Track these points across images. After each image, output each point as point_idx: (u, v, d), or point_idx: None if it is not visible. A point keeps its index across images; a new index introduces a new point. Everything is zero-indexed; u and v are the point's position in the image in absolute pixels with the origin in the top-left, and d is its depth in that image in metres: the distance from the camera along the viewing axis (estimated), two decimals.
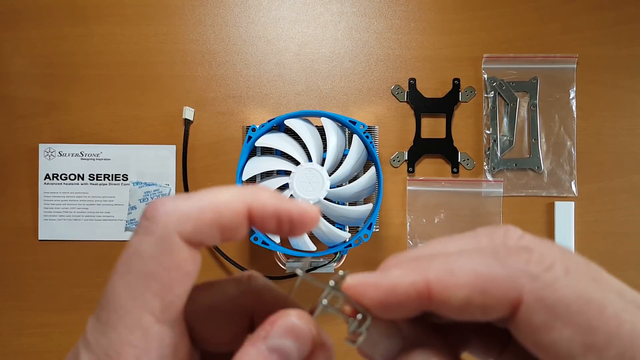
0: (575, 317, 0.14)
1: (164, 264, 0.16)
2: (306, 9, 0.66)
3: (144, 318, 0.16)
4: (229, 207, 0.17)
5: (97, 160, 0.65)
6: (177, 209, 0.17)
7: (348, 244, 0.56)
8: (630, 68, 0.66)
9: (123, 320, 0.16)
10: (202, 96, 0.65)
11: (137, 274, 0.16)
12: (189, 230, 0.17)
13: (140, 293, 0.16)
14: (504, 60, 0.65)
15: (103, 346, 0.16)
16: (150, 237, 0.17)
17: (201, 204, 0.17)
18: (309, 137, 0.55)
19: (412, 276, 0.16)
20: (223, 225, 0.17)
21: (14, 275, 0.65)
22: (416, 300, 0.15)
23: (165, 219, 0.17)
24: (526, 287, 0.14)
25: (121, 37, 0.65)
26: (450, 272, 0.15)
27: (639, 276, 0.65)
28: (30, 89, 0.65)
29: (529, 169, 0.65)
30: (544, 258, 0.15)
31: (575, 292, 0.14)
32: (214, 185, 0.67)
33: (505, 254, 0.15)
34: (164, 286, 0.16)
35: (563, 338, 0.14)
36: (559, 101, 0.65)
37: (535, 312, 0.14)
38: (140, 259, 0.16)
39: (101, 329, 0.16)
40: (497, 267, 0.15)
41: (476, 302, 0.15)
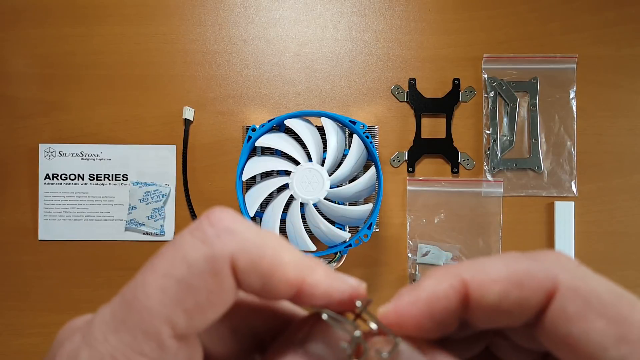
0: (609, 309, 0.14)
1: (210, 285, 0.15)
2: (306, 9, 0.66)
3: (165, 330, 0.15)
4: (287, 271, 0.15)
5: (97, 160, 0.65)
6: (245, 237, 0.15)
7: (348, 244, 0.56)
8: (630, 68, 0.66)
9: (143, 325, 0.14)
10: (202, 96, 0.65)
11: (178, 281, 0.15)
12: (243, 264, 0.15)
13: (173, 303, 0.14)
14: (504, 60, 0.65)
15: (111, 346, 0.14)
16: (205, 249, 0.15)
17: (265, 248, 0.15)
18: (309, 137, 0.55)
19: (448, 279, 0.15)
20: (273, 285, 0.15)
21: (14, 275, 0.65)
22: (458, 304, 0.15)
23: (231, 238, 0.15)
24: (560, 277, 0.14)
25: (121, 37, 0.65)
26: (483, 270, 0.15)
27: (638, 276, 0.65)
28: (30, 89, 0.65)
29: (529, 169, 0.65)
30: (572, 259, 0.15)
31: (607, 286, 0.15)
32: (214, 185, 0.67)
33: (533, 255, 0.15)
34: (198, 307, 0.15)
35: (596, 329, 0.14)
36: (559, 101, 0.65)
37: (569, 302, 0.14)
38: (187, 268, 0.15)
39: (114, 326, 0.15)
40: (530, 261, 0.15)
41: (513, 295, 0.15)
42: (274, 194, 0.57)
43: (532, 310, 0.15)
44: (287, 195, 0.55)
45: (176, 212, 0.65)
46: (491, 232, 0.65)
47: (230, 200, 0.65)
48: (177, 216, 0.65)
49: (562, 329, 0.14)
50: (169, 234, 0.65)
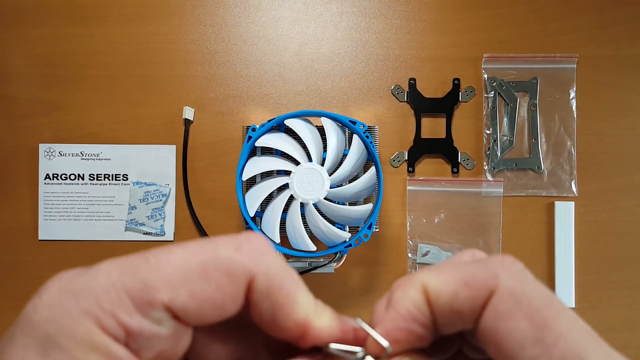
0: (535, 313, 0.15)
1: (221, 283, 0.15)
2: (306, 9, 0.66)
3: (162, 295, 0.15)
4: (298, 309, 0.17)
5: (97, 160, 0.65)
6: (272, 264, 0.16)
7: (348, 244, 0.56)
8: (630, 68, 0.66)
9: (148, 280, 0.15)
10: (202, 96, 0.65)
11: (198, 263, 0.15)
12: (261, 286, 0.16)
13: (183, 279, 0.15)
14: (504, 60, 0.65)
15: (111, 280, 0.15)
16: (235, 254, 0.16)
17: (286, 281, 0.16)
18: (309, 137, 0.55)
19: (413, 285, 0.17)
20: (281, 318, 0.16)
21: (14, 275, 0.65)
22: (425, 305, 0.17)
23: (261, 259, 0.16)
24: (501, 278, 0.16)
25: (121, 37, 0.65)
26: (440, 273, 0.17)
27: (638, 276, 0.65)
28: (31, 89, 0.65)
29: (529, 169, 0.65)
30: (517, 263, 0.17)
31: (540, 292, 0.16)
32: (214, 185, 0.67)
33: (484, 259, 0.17)
34: (201, 296, 0.15)
35: (519, 328, 0.15)
36: (559, 101, 0.65)
37: (502, 301, 0.16)
38: (212, 257, 0.16)
39: (123, 269, 0.15)
40: (478, 265, 0.17)
41: (462, 295, 0.16)
42: (274, 194, 0.57)
43: (478, 309, 0.16)
44: (287, 195, 0.55)
45: (176, 212, 0.65)
46: (491, 232, 0.65)
47: (230, 200, 0.65)
48: (177, 216, 0.65)
49: (492, 325, 0.16)
50: (169, 234, 0.65)
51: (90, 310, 0.14)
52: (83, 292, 0.15)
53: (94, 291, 0.15)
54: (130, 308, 0.15)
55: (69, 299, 0.15)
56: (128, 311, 0.15)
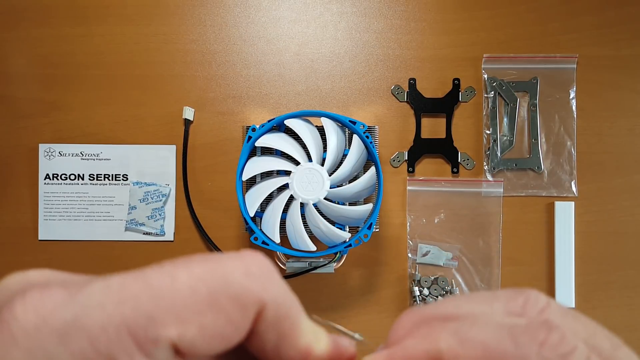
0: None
1: (232, 314, 0.14)
2: (306, 9, 0.66)
3: (169, 331, 0.13)
4: (301, 337, 0.16)
5: (97, 160, 0.65)
6: (280, 292, 0.15)
7: (348, 244, 0.56)
8: (630, 68, 0.66)
9: (154, 312, 0.13)
10: (202, 96, 0.65)
11: (209, 292, 0.14)
12: (270, 315, 0.15)
13: (194, 311, 0.13)
14: (504, 60, 0.65)
15: (106, 313, 0.13)
16: (247, 281, 0.14)
17: (292, 309, 0.15)
18: (309, 137, 0.55)
19: (425, 345, 0.15)
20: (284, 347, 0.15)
21: None
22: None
23: (270, 287, 0.15)
24: (531, 356, 0.14)
25: (121, 37, 0.65)
26: (462, 343, 0.15)
27: (638, 276, 0.65)
28: (30, 89, 0.65)
29: (529, 169, 0.65)
30: (564, 341, 0.14)
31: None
32: (214, 185, 0.67)
33: (520, 330, 0.15)
34: (212, 329, 0.14)
35: None
36: (559, 101, 0.65)
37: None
38: (223, 285, 0.14)
39: (119, 296, 0.13)
40: (509, 344, 0.14)
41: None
42: (274, 194, 0.57)
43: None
44: (287, 195, 0.55)
45: (176, 212, 0.65)
46: (491, 232, 0.65)
47: (230, 200, 0.65)
48: (177, 216, 0.65)
49: None
50: (169, 234, 0.65)
51: (82, 355, 0.12)
52: (72, 332, 0.12)
53: (86, 330, 0.12)
54: (131, 349, 0.12)
55: (54, 343, 0.11)
56: (129, 353, 0.12)
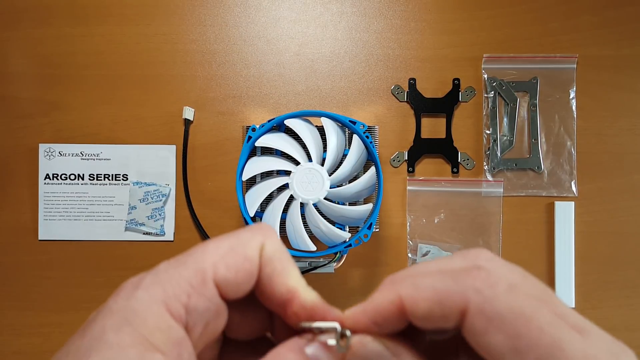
0: (507, 326, 0.17)
1: (246, 252, 0.20)
2: (306, 9, 0.66)
3: (210, 271, 0.19)
4: (290, 277, 0.20)
5: (97, 160, 0.65)
6: (276, 241, 0.21)
7: (348, 244, 0.56)
8: (630, 68, 0.66)
9: (197, 265, 0.19)
10: (202, 96, 0.65)
11: (229, 246, 0.20)
12: (267, 253, 0.20)
13: (221, 257, 0.19)
14: (504, 60, 0.65)
15: (169, 274, 0.19)
16: (249, 234, 0.21)
17: (285, 255, 0.21)
18: (309, 137, 0.55)
19: (389, 295, 0.19)
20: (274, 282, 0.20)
21: (14, 275, 0.65)
22: (397, 312, 0.19)
23: (268, 236, 0.21)
24: (471, 300, 0.18)
25: (121, 37, 0.65)
26: (416, 289, 0.19)
27: (639, 276, 0.65)
28: (30, 89, 0.65)
29: (529, 169, 0.65)
30: (490, 276, 0.18)
31: (509, 306, 0.17)
32: (214, 185, 0.67)
33: (460, 273, 0.19)
34: (235, 265, 0.19)
35: (496, 341, 0.17)
36: (559, 101, 0.65)
37: (476, 320, 0.18)
38: (236, 239, 0.20)
39: (176, 264, 0.19)
40: (451, 283, 0.18)
41: (436, 312, 0.18)
42: (274, 194, 0.57)
43: (452, 323, 0.18)
44: (287, 195, 0.55)
45: (176, 212, 0.65)
46: (491, 232, 0.65)
47: (230, 200, 0.65)
48: (177, 216, 0.65)
49: (473, 339, 0.18)
50: (169, 234, 0.65)
51: (160, 298, 0.18)
52: (151, 285, 0.18)
53: (160, 283, 0.18)
54: (190, 290, 0.18)
55: (142, 291, 0.18)
56: (188, 293, 0.18)
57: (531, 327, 0.17)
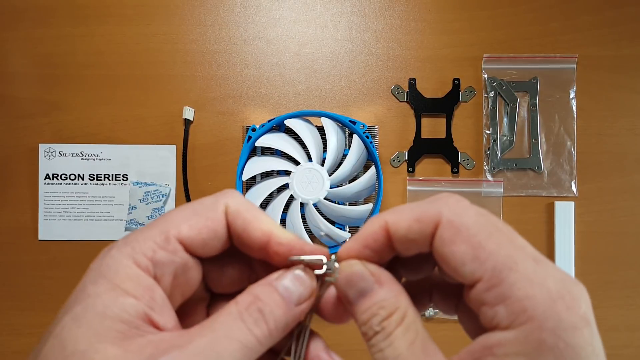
0: (471, 237, 0.20)
1: (208, 214, 0.22)
2: (306, 9, 0.66)
3: (173, 232, 0.21)
4: (262, 223, 0.22)
5: (97, 160, 0.65)
6: (239, 199, 0.23)
7: None
8: (630, 68, 0.66)
9: (161, 227, 0.21)
10: (202, 96, 0.65)
11: (191, 209, 0.22)
12: (233, 209, 0.22)
13: (183, 219, 0.22)
14: (504, 60, 0.65)
15: (137, 236, 0.21)
16: (212, 198, 0.22)
17: (251, 208, 0.22)
18: (309, 137, 0.55)
19: (376, 222, 0.22)
20: (251, 231, 0.22)
21: (14, 275, 0.65)
22: (383, 235, 0.21)
23: (230, 197, 0.22)
24: (443, 213, 0.20)
25: (121, 37, 0.65)
26: (399, 214, 0.21)
27: (638, 276, 0.65)
28: (30, 89, 0.65)
29: (529, 169, 0.65)
30: (461, 201, 0.21)
31: (475, 221, 0.20)
32: (214, 185, 0.67)
33: (435, 199, 0.22)
34: (199, 225, 0.22)
35: (460, 250, 0.20)
36: (559, 101, 0.65)
37: (445, 230, 0.20)
38: (199, 203, 0.22)
39: (144, 228, 0.21)
40: (428, 205, 0.21)
41: (414, 228, 0.21)
42: (274, 194, 0.57)
43: (428, 238, 0.21)
44: (287, 195, 0.55)
45: None
46: None
47: None
48: None
49: (440, 250, 0.20)
50: None
51: (128, 253, 0.20)
52: (122, 245, 0.21)
53: (129, 243, 0.21)
54: (154, 246, 0.21)
55: (115, 250, 0.21)
56: (153, 249, 0.21)
57: (491, 240, 0.19)
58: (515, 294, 0.18)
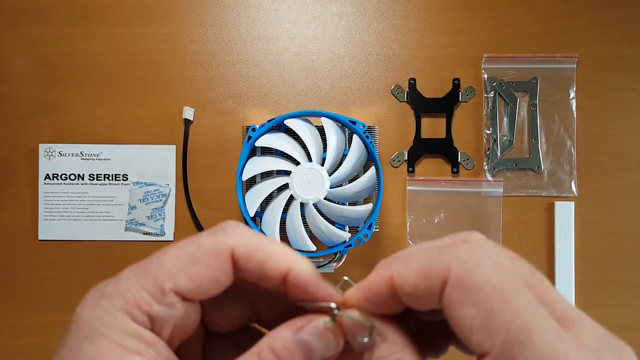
0: (482, 301, 0.17)
1: (211, 262, 0.20)
2: (306, 9, 0.66)
3: (169, 284, 0.19)
4: (277, 259, 0.20)
5: (97, 160, 0.65)
6: (245, 236, 0.20)
7: (348, 244, 0.56)
8: (630, 68, 0.66)
9: (156, 275, 0.19)
10: (202, 96, 0.65)
11: (188, 254, 0.20)
12: (242, 253, 0.20)
13: (180, 267, 0.19)
14: (504, 60, 0.65)
15: (130, 282, 0.19)
16: (213, 238, 0.20)
17: (260, 244, 0.20)
18: (309, 137, 0.55)
19: (381, 274, 0.20)
20: (267, 271, 0.20)
21: (14, 275, 0.65)
22: (388, 290, 0.19)
23: (234, 235, 0.20)
24: (453, 268, 0.18)
25: (121, 37, 0.65)
26: (405, 264, 0.19)
27: (638, 276, 0.65)
28: (30, 89, 0.65)
29: (529, 169, 0.65)
30: (476, 248, 0.18)
31: (488, 279, 0.17)
32: (214, 185, 0.67)
33: (447, 247, 0.19)
34: (199, 276, 0.20)
35: (468, 315, 0.17)
36: (559, 101, 0.65)
37: (454, 290, 0.17)
38: (197, 246, 0.20)
39: (137, 272, 0.20)
40: (436, 255, 0.18)
41: (421, 285, 0.18)
42: (274, 194, 0.57)
43: (436, 295, 0.18)
44: (287, 195, 0.55)
45: (176, 212, 0.65)
46: (491, 232, 0.65)
47: (230, 200, 0.65)
48: (177, 216, 0.65)
49: (447, 311, 0.18)
50: (169, 234, 0.65)
51: (122, 307, 0.19)
52: (113, 294, 0.19)
53: (121, 293, 0.19)
54: (149, 300, 0.19)
55: (105, 301, 0.19)
56: (148, 302, 0.19)
57: (505, 306, 0.16)
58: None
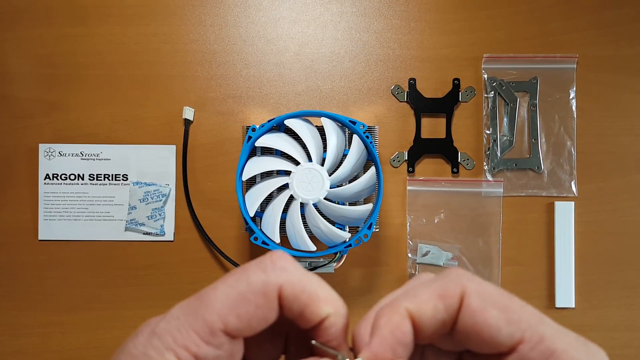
0: (499, 302, 0.20)
1: (260, 302, 0.20)
2: (306, 9, 0.66)
3: (218, 324, 0.20)
4: (321, 305, 0.21)
5: (97, 160, 0.65)
6: (293, 275, 0.20)
7: (348, 244, 0.56)
8: (630, 68, 0.66)
9: (205, 315, 0.20)
10: (202, 96, 0.65)
11: (238, 293, 0.20)
12: (289, 294, 0.20)
13: (230, 307, 0.20)
14: (504, 60, 0.65)
15: (179, 322, 0.20)
16: (264, 276, 0.20)
17: (307, 285, 0.20)
18: (309, 137, 0.55)
19: (396, 315, 0.20)
20: (307, 314, 0.21)
21: (14, 275, 0.65)
22: (410, 329, 0.20)
23: (283, 273, 0.20)
24: (466, 284, 0.20)
25: (121, 37, 0.65)
26: (416, 295, 0.20)
27: (638, 276, 0.65)
28: (30, 89, 0.65)
29: (529, 169, 0.65)
30: (466, 272, 0.21)
31: (494, 288, 0.20)
32: (214, 185, 0.67)
33: (441, 276, 0.21)
34: (247, 316, 0.20)
35: (493, 316, 0.19)
36: (559, 101, 0.65)
37: (474, 300, 0.20)
38: (247, 285, 0.20)
39: (186, 310, 0.20)
40: (445, 281, 0.20)
41: (440, 306, 0.20)
42: (274, 194, 0.57)
43: (455, 313, 0.20)
44: (287, 195, 0.55)
45: (176, 212, 0.65)
46: (491, 232, 0.65)
47: (230, 200, 0.65)
48: (177, 216, 0.65)
49: (470, 321, 0.20)
50: (169, 234, 0.65)
51: (170, 347, 0.20)
52: (164, 334, 0.20)
53: (171, 333, 0.20)
54: (197, 341, 0.20)
55: (155, 339, 0.20)
56: (196, 343, 0.20)
57: (514, 302, 0.20)
58: (558, 345, 0.19)
